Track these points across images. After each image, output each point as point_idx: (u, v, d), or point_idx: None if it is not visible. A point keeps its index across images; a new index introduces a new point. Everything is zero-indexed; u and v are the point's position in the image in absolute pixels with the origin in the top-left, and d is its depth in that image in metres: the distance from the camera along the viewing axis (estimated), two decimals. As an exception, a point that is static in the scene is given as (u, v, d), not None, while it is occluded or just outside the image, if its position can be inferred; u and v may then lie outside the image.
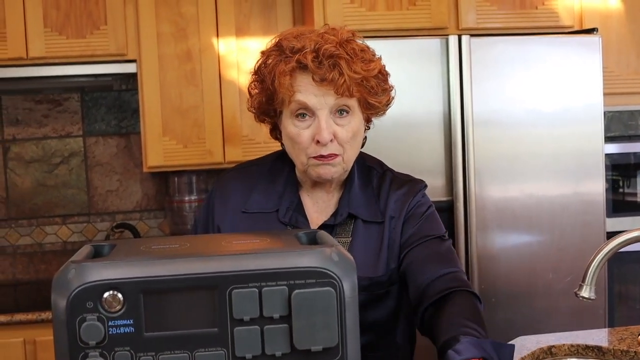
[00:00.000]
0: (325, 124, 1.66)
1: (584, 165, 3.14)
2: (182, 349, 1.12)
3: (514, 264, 3.11)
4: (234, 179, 1.87)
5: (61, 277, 1.11)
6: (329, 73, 1.62)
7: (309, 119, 1.68)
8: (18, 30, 3.40)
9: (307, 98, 1.65)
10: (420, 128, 3.03)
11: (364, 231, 1.77)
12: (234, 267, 1.12)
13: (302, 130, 1.68)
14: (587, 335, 2.01)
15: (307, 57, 1.62)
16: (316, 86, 1.64)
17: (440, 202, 3.01)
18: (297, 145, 1.70)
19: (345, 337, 1.14)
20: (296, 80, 1.65)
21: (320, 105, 1.65)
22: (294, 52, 1.65)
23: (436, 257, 1.75)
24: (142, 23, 3.46)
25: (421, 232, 1.78)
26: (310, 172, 1.73)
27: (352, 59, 1.64)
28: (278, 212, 1.78)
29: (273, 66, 1.67)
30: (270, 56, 1.70)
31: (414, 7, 3.26)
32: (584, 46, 3.12)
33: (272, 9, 3.54)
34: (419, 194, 1.82)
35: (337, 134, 1.68)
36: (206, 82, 3.51)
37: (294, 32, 1.71)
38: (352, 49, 1.66)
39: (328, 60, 1.62)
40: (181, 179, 3.75)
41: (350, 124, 1.69)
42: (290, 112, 1.69)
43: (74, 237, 3.91)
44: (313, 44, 1.64)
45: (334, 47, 1.63)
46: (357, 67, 1.64)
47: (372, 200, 1.79)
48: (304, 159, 1.71)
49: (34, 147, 3.89)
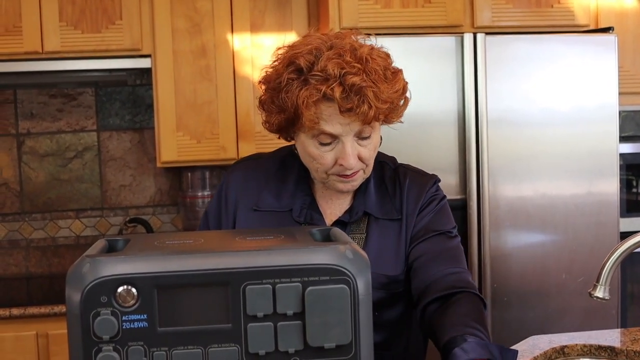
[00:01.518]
0: (351, 149, 1.63)
1: (598, 165, 3.12)
2: (196, 345, 1.12)
3: (527, 264, 3.10)
4: (246, 173, 1.84)
5: (75, 271, 1.11)
6: (358, 107, 1.57)
7: (332, 142, 1.65)
8: (34, 24, 3.41)
9: (334, 128, 1.61)
10: (434, 126, 3.03)
11: (379, 228, 1.76)
12: (248, 264, 1.12)
13: (325, 153, 1.66)
14: (600, 336, 2.00)
15: (335, 91, 1.56)
16: (342, 116, 1.59)
17: (453, 200, 3.01)
18: (319, 165, 1.68)
19: (359, 335, 1.14)
20: (321, 110, 1.60)
21: (346, 132, 1.62)
22: (316, 78, 1.58)
23: (443, 254, 1.74)
24: (157, 18, 3.46)
25: (431, 225, 1.77)
26: (331, 185, 1.71)
27: (378, 87, 1.59)
28: (292, 211, 1.77)
29: (294, 93, 1.60)
30: (289, 80, 1.62)
31: (429, 4, 3.26)
32: (600, 45, 3.11)
33: (287, 5, 3.54)
34: (433, 187, 1.81)
35: (361, 154, 1.66)
36: (220, 77, 3.51)
37: (308, 47, 1.63)
38: (376, 72, 1.60)
39: (356, 94, 1.57)
40: (194, 174, 3.76)
41: (372, 142, 1.68)
42: (312, 135, 1.65)
43: (87, 232, 3.92)
44: (337, 71, 1.57)
45: (360, 79, 1.57)
46: (384, 94, 1.60)
47: (386, 198, 1.78)
48: (324, 175, 1.70)
49: (48, 141, 3.90)
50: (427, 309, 1.66)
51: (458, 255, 1.77)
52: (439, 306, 1.63)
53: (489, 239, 3.05)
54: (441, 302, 1.64)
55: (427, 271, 1.71)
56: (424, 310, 1.67)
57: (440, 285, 1.67)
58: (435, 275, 1.70)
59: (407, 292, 1.76)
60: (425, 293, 1.68)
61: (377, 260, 1.70)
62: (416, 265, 1.73)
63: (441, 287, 1.66)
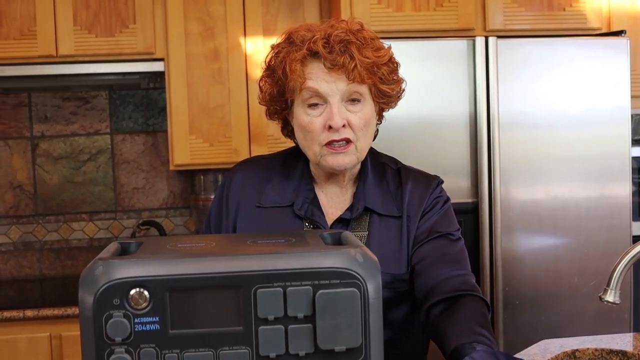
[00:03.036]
0: (337, 109, 1.66)
1: (610, 168, 3.12)
2: (207, 347, 1.13)
3: (539, 267, 3.09)
4: (247, 172, 1.86)
5: (89, 273, 1.13)
6: (340, 58, 1.63)
7: (321, 107, 1.68)
8: (48, 28, 3.44)
9: (319, 84, 1.66)
10: (446, 129, 3.03)
11: (381, 225, 1.76)
12: (259, 267, 1.13)
13: (314, 118, 1.68)
14: (612, 340, 2.00)
15: (318, 44, 1.64)
16: (327, 72, 1.65)
17: (465, 203, 3.01)
18: (310, 134, 1.70)
19: (369, 338, 1.15)
20: (307, 67, 1.67)
21: (332, 91, 1.66)
22: (305, 41, 1.67)
23: (447, 256, 1.74)
24: (170, 22, 3.48)
25: (435, 227, 1.77)
26: (323, 163, 1.72)
27: (362, 44, 1.66)
28: (293, 205, 1.77)
29: (284, 56, 1.69)
30: (280, 49, 1.72)
31: (441, 8, 3.26)
32: (612, 48, 3.10)
33: (299, 9, 3.55)
34: (437, 189, 1.82)
35: (350, 120, 1.68)
36: (233, 81, 3.53)
37: (304, 25, 1.73)
38: (362, 37, 1.68)
39: (339, 45, 1.64)
40: (207, 177, 3.77)
41: (362, 111, 1.69)
42: (302, 101, 1.69)
43: (100, 234, 3.94)
44: (323, 32, 1.66)
45: (344, 33, 1.65)
46: (368, 52, 1.66)
47: (387, 195, 1.78)
48: (316, 148, 1.71)
49: (62, 144, 3.92)
50: (431, 311, 1.66)
51: (462, 257, 1.77)
52: (444, 309, 1.63)
53: (501, 242, 3.05)
54: (445, 304, 1.64)
55: (430, 273, 1.71)
56: (428, 312, 1.67)
57: (444, 288, 1.67)
58: (439, 277, 1.70)
59: (412, 291, 1.76)
60: (429, 295, 1.68)
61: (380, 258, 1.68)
62: (420, 267, 1.74)
63: (445, 289, 1.67)
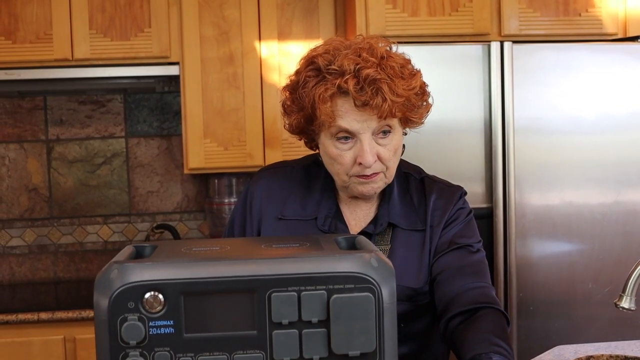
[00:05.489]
0: (368, 146, 1.63)
1: (626, 174, 3.11)
2: (221, 351, 1.13)
3: (553, 273, 3.08)
4: (271, 183, 1.84)
5: (104, 277, 1.13)
6: (372, 99, 1.58)
7: (351, 141, 1.64)
8: (64, 32, 3.46)
9: (350, 124, 1.62)
10: (461, 134, 3.02)
11: (404, 239, 1.75)
12: (273, 271, 1.13)
13: (344, 152, 1.65)
14: (627, 346, 1.99)
15: (349, 84, 1.57)
16: (358, 111, 1.60)
17: (479, 209, 3.00)
18: (339, 165, 1.68)
19: (383, 343, 1.14)
20: (337, 105, 1.61)
21: (363, 129, 1.62)
22: (332, 73, 1.60)
23: (467, 268, 1.73)
24: (185, 26, 3.49)
25: (456, 239, 1.76)
26: (352, 189, 1.71)
27: (393, 81, 1.60)
28: (317, 219, 1.76)
29: (311, 89, 1.63)
30: (307, 78, 1.65)
31: (456, 13, 3.25)
32: (628, 54, 3.09)
33: (314, 14, 3.55)
34: (460, 200, 1.80)
35: (380, 153, 1.65)
36: (248, 85, 3.53)
37: (326, 47, 1.66)
38: (392, 68, 1.61)
39: (370, 86, 1.58)
40: (221, 181, 3.78)
41: (392, 142, 1.67)
42: (331, 134, 1.65)
43: (114, 237, 3.96)
44: (352, 66, 1.59)
45: (374, 71, 1.58)
46: (399, 89, 1.60)
47: (411, 209, 1.77)
48: (345, 177, 1.69)
49: (77, 147, 3.94)
50: (450, 323, 1.65)
51: (482, 269, 1.75)
52: (463, 321, 1.63)
53: (515, 247, 3.04)
54: (465, 316, 1.63)
55: (450, 284, 1.70)
56: (447, 323, 1.66)
57: (464, 300, 1.66)
58: (459, 289, 1.69)
59: (433, 303, 1.75)
60: (449, 306, 1.67)
61: (401, 272, 1.68)
62: (440, 278, 1.72)
63: (465, 301, 1.66)
